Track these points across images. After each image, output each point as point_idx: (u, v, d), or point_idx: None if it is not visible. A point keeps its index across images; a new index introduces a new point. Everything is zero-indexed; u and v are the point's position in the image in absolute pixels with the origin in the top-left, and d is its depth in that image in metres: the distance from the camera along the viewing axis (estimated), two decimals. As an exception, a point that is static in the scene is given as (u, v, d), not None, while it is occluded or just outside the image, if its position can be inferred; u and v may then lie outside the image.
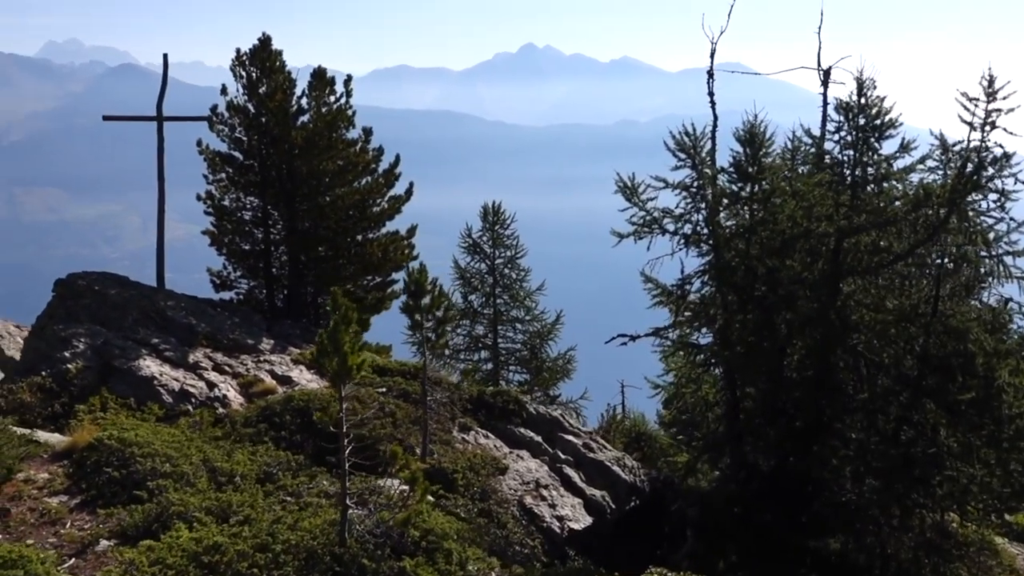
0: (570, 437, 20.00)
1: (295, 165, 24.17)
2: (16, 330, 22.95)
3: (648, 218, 19.02)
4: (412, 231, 25.88)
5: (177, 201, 25.46)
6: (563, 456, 19.27)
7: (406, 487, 12.19)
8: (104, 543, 11.15)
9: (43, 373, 17.71)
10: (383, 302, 25.36)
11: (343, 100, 24.84)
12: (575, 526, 17.13)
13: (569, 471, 18.80)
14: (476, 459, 17.55)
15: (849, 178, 18.48)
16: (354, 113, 24.73)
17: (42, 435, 14.62)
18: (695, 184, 19.00)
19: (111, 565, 10.28)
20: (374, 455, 16.07)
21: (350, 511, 11.31)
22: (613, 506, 18.53)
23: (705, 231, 19.01)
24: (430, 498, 14.02)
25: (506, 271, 29.64)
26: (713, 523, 18.86)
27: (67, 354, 18.16)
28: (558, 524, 16.92)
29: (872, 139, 18.18)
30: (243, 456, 14.21)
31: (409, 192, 25.72)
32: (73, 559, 10.79)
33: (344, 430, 11.08)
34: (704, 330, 20.48)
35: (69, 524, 11.79)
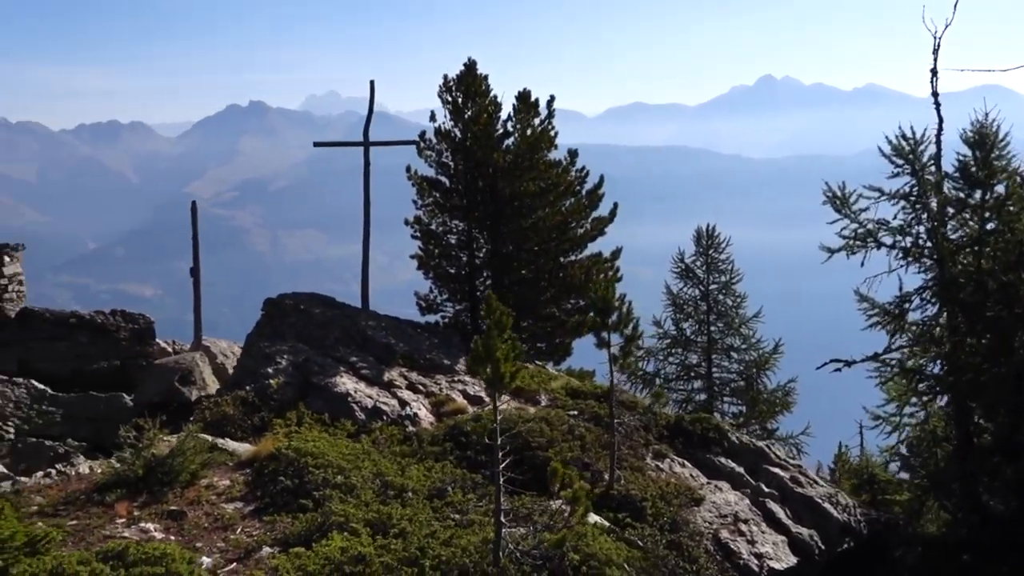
0: (776, 469, 18.48)
1: (498, 187, 24.17)
2: (239, 351, 24.10)
3: (861, 231, 17.34)
4: (616, 254, 25.20)
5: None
6: (767, 489, 17.79)
7: (566, 507, 11.43)
8: (267, 550, 11.10)
9: (247, 388, 18.36)
10: (584, 326, 24.73)
11: (546, 122, 24.66)
12: (776, 565, 15.65)
13: (773, 506, 17.30)
14: (669, 488, 16.47)
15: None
16: (556, 134, 24.48)
17: (231, 444, 15.01)
18: (915, 192, 17.15)
19: (261, 571, 10.16)
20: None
21: (508, 530, 10.69)
22: (822, 547, 16.84)
23: (928, 244, 17.08)
24: (604, 523, 13.18)
25: (720, 297, 28.20)
26: (936, 572, 16.75)
27: (270, 370, 18.76)
28: (756, 562, 15.51)
29: None
30: (417, 472, 13.94)
31: (613, 213, 25.09)
32: (233, 564, 10.78)
33: (499, 442, 10.50)
34: (928, 354, 18.39)
35: (240, 530, 11.87)
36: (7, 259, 24.49)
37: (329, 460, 13.38)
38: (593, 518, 13.37)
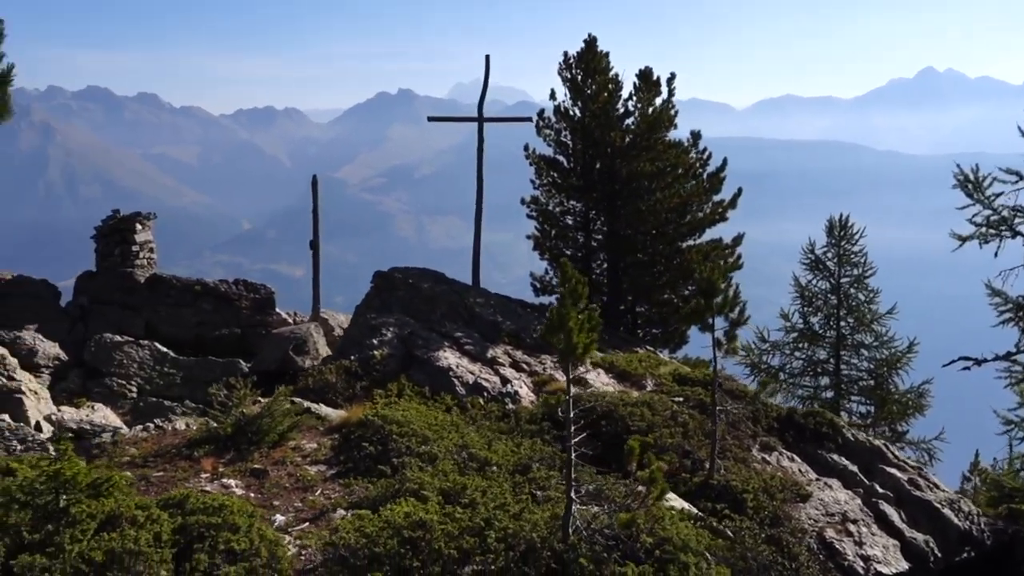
0: (893, 470, 17.36)
1: (616, 167, 23.65)
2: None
3: (995, 218, 16.06)
4: (738, 240, 24.28)
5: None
6: (881, 490, 16.72)
7: (642, 487, 10.90)
8: (340, 512, 11.04)
9: (351, 357, 18.51)
10: (696, 312, 23.99)
11: (667, 101, 23.96)
12: (884, 570, 14.65)
13: (886, 507, 16.24)
14: (774, 481, 15.66)
15: None
16: (676, 113, 23.74)
17: (324, 410, 15.10)
18: (1057, 178, 15.78)
19: (327, 532, 10.08)
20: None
21: (581, 508, 10.29)
22: (939, 554, 15.71)
23: (1072, 232, 15.70)
24: (691, 510, 12.60)
25: (852, 291, 26.82)
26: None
27: (375, 341, 18.85)
28: (862, 565, 14.56)
29: None
30: (505, 447, 13.66)
31: (735, 198, 24.17)
32: (305, 524, 10.76)
33: (571, 415, 10.10)
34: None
35: (319, 492, 11.86)
36: (139, 227, 25.53)
37: (414, 429, 13.26)
38: (679, 504, 12.82)
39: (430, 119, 23.83)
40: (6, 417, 16.57)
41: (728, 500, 14.60)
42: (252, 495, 11.57)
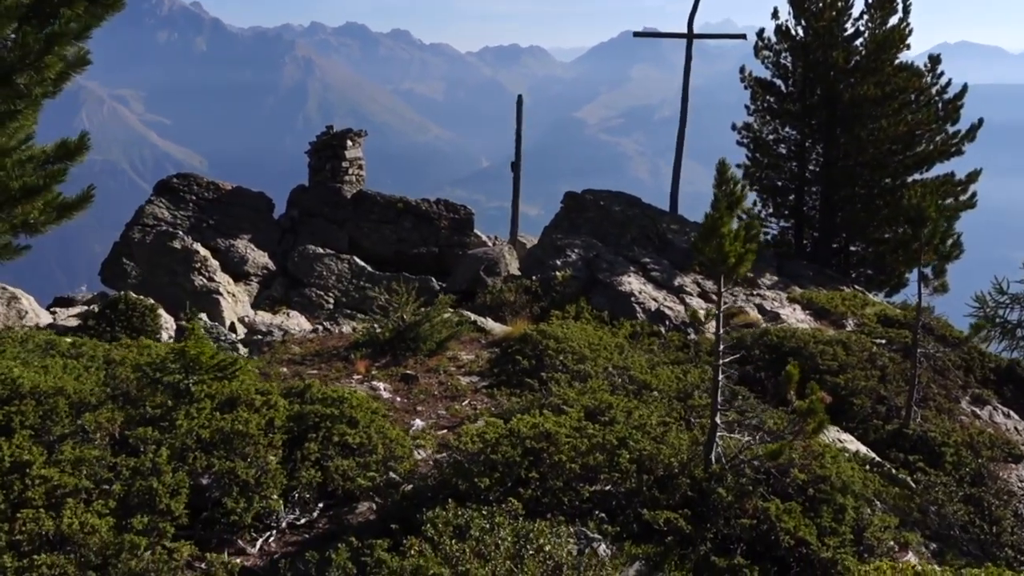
0: None
1: (837, 91, 21.71)
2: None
3: None
4: (973, 176, 21.76)
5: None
6: (1116, 459, 14.57)
7: (798, 417, 9.77)
8: (481, 423, 10.67)
9: (533, 277, 18.11)
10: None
11: (902, 20, 21.66)
12: (1108, 547, 12.76)
13: (1119, 479, 14.14)
14: (981, 437, 13.97)
15: None
16: (910, 32, 21.41)
17: (490, 324, 14.80)
18: None
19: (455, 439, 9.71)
20: (846, 406, 13.73)
21: (730, 436, 9.37)
22: None
23: None
24: (868, 454, 11.33)
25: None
26: None
27: (558, 262, 18.35)
28: (1081, 538, 12.73)
29: None
30: (669, 373, 12.82)
31: (974, 129, 21.61)
32: (444, 431, 10.47)
33: (720, 332, 9.17)
34: None
35: (466, 402, 11.56)
36: (350, 143, 26.11)
37: (572, 347, 12.67)
38: (855, 447, 11.59)
39: (636, 35, 22.67)
40: (203, 316, 17.39)
41: (924, 452, 13.17)
42: (399, 399, 11.42)
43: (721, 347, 9.30)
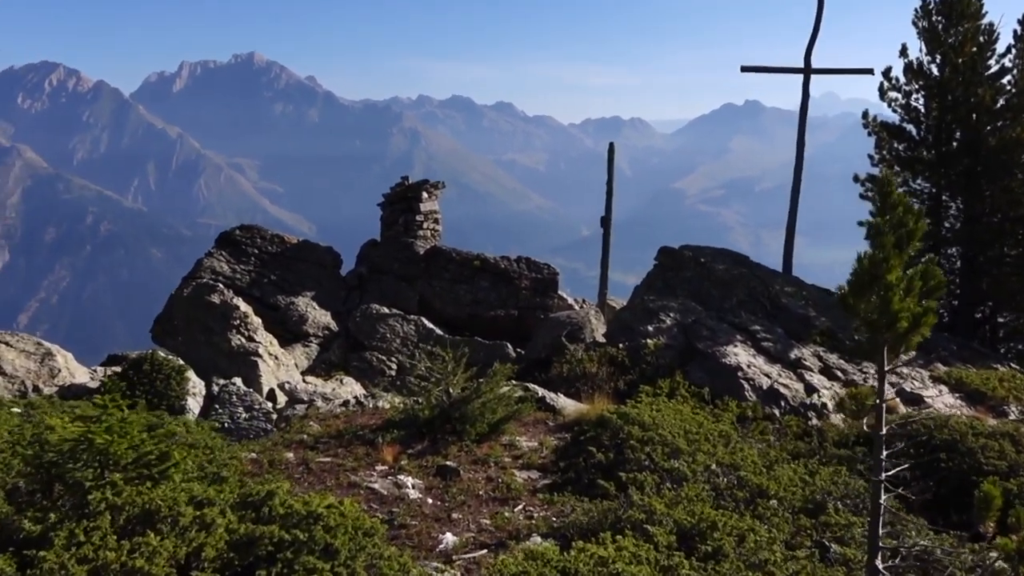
0: None
1: (981, 135, 18.52)
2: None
3: None
4: None
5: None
6: None
7: (1004, 564, 6.72)
8: (536, 540, 7.86)
9: (620, 345, 15.30)
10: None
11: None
12: None
13: None
14: None
15: None
16: (1073, 65, 18.17)
17: (561, 401, 12.04)
18: None
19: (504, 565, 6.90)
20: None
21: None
22: None
23: None
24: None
25: None
26: None
27: (650, 328, 15.51)
28: None
29: None
30: (791, 473, 9.79)
31: None
32: (483, 550, 7.68)
33: (882, 431, 6.29)
34: None
35: (519, 508, 8.76)
36: (425, 195, 23.90)
37: (662, 436, 9.77)
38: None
39: (744, 69, 19.83)
40: (238, 381, 15.10)
41: None
42: (430, 500, 8.70)
43: (883, 453, 6.35)
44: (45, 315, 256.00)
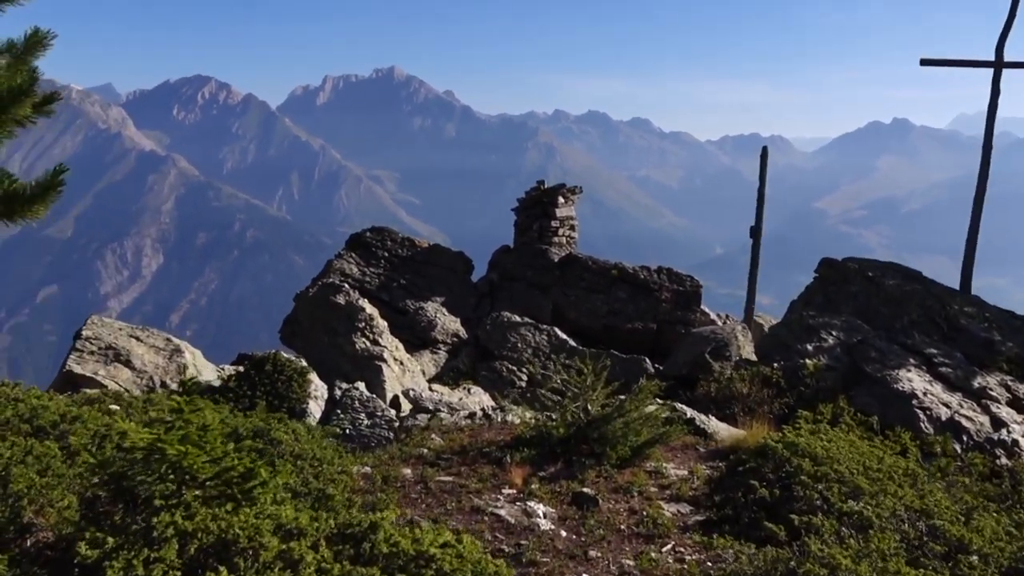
0: None
1: None
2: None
3: None
4: None
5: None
6: None
7: None
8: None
9: (775, 364, 13.76)
10: None
11: None
12: None
13: None
14: None
15: None
16: None
17: (714, 425, 10.62)
18: None
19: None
20: None
21: None
22: None
23: None
24: None
25: None
26: None
27: (809, 347, 13.91)
28: None
29: None
30: (994, 524, 8.14)
31: None
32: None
33: None
34: None
35: (668, 547, 7.46)
36: (562, 200, 22.79)
37: (839, 472, 8.27)
38: None
39: (923, 63, 17.84)
40: (361, 386, 14.24)
41: None
42: (564, 533, 7.49)
43: None
44: (195, 316, 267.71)
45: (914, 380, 12.92)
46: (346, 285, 17.35)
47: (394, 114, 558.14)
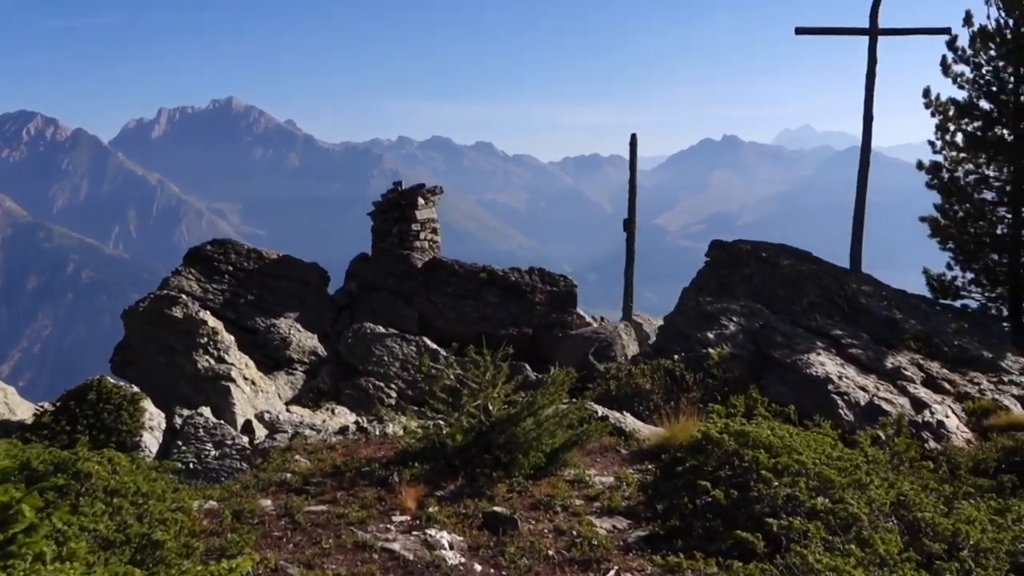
0: None
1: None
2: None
3: None
4: None
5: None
6: None
7: None
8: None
9: (675, 356, 12.43)
10: None
11: None
12: None
13: None
14: None
15: None
16: None
17: (631, 422, 9.12)
18: None
19: None
20: None
21: None
22: None
23: None
24: None
25: None
26: None
27: (710, 335, 12.65)
28: None
29: None
30: (981, 515, 6.90)
31: None
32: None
33: None
34: None
35: (611, 575, 5.85)
36: (421, 201, 21.12)
37: (803, 464, 6.86)
38: None
39: (798, 31, 17.10)
40: (205, 411, 12.15)
41: None
42: (478, 567, 5.76)
43: None
44: (28, 364, 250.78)
45: (826, 364, 11.83)
46: (183, 296, 15.11)
47: (234, 145, 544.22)
